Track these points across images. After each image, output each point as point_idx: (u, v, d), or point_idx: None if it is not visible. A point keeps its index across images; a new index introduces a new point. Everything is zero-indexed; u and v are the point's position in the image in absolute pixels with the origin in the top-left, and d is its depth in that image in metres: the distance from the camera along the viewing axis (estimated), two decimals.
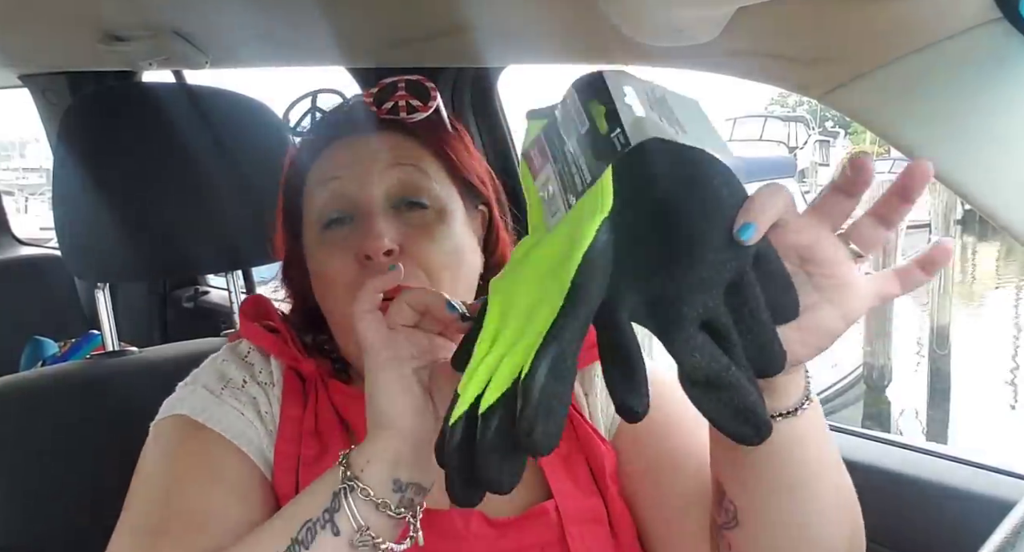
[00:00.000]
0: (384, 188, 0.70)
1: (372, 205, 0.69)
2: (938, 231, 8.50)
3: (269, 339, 0.75)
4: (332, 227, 0.71)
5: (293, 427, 0.70)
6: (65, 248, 0.99)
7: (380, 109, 0.73)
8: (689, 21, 0.61)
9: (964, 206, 9.19)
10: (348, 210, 0.70)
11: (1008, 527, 0.49)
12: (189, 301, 1.83)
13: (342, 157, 0.72)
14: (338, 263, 0.69)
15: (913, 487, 0.90)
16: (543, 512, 0.70)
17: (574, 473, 0.72)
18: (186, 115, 1.01)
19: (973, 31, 0.59)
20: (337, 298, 0.70)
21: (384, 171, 0.70)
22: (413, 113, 0.73)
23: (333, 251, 0.70)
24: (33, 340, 1.44)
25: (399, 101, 0.73)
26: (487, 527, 0.68)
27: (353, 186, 0.70)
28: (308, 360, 0.74)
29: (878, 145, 25.20)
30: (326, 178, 0.72)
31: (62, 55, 1.29)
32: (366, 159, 0.71)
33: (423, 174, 0.72)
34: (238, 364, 0.74)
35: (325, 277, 0.71)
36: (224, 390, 0.71)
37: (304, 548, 0.51)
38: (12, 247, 2.16)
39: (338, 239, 0.70)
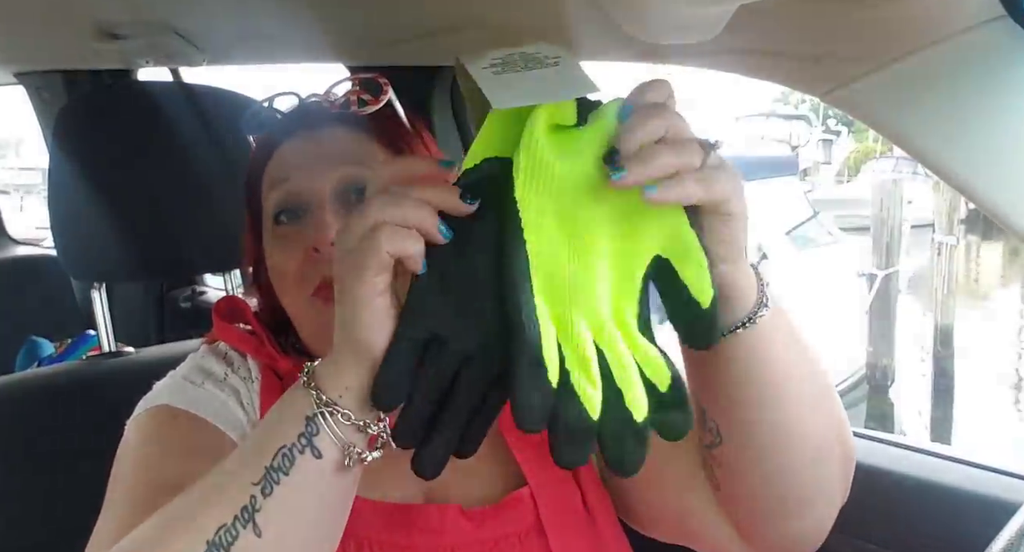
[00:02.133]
0: (332, 183, 0.70)
1: (320, 199, 0.70)
2: (942, 230, 8.49)
3: (244, 339, 0.76)
4: (282, 223, 0.72)
5: None
6: (61, 248, 0.99)
7: (332, 104, 0.73)
8: (691, 19, 0.61)
9: (968, 205, 9.17)
10: (297, 206, 0.71)
11: (1012, 530, 0.49)
12: (186, 301, 1.83)
13: (293, 157, 0.73)
14: (287, 255, 0.71)
15: (916, 488, 0.89)
16: (518, 500, 0.70)
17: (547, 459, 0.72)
18: (182, 113, 1.01)
19: (977, 29, 0.58)
20: (287, 289, 0.72)
21: (333, 167, 0.71)
22: (364, 107, 0.73)
23: (284, 244, 0.71)
24: (29, 340, 1.43)
25: (350, 96, 0.73)
26: (463, 519, 0.68)
27: (302, 183, 0.71)
28: (284, 358, 0.74)
29: (881, 144, 25.19)
30: (278, 179, 0.72)
31: (58, 53, 1.29)
32: (316, 156, 0.72)
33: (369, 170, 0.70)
34: (218, 360, 0.75)
35: (276, 270, 0.72)
36: (206, 382, 0.72)
37: (283, 474, 0.50)
38: (7, 246, 2.15)
39: (289, 233, 0.71)
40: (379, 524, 0.67)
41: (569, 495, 0.71)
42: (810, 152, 19.52)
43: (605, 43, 0.87)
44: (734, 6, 0.56)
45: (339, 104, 0.73)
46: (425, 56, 1.10)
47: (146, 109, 1.01)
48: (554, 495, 0.70)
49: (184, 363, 0.77)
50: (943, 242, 8.26)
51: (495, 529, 0.68)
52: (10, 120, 18.47)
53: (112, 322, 1.07)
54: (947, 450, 0.94)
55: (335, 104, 0.73)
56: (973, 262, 14.18)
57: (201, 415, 0.69)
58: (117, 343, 1.07)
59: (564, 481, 0.72)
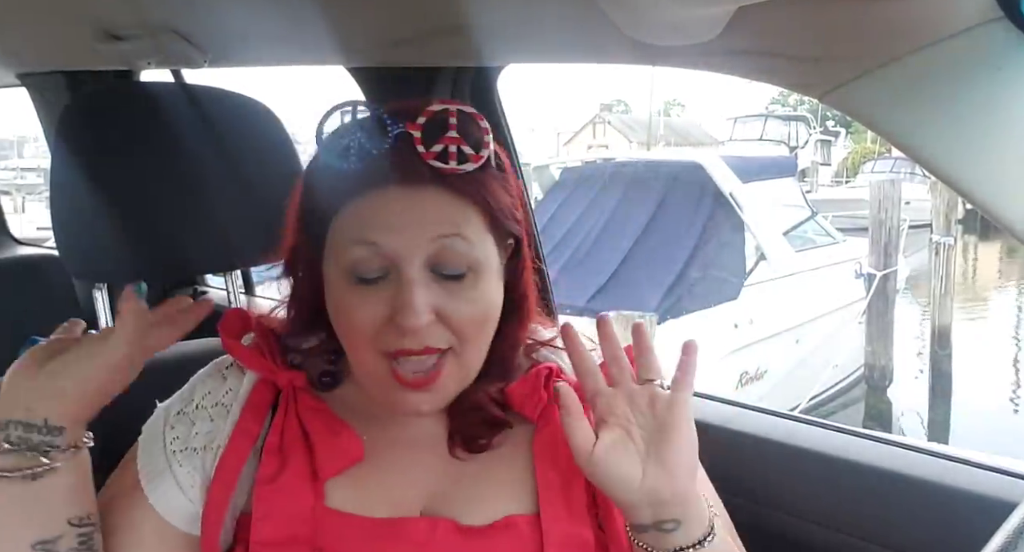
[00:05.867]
0: (424, 258, 0.66)
1: (411, 272, 0.66)
2: (939, 230, 8.50)
3: (245, 352, 0.76)
4: (360, 278, 0.67)
5: (244, 441, 0.71)
6: (63, 248, 0.99)
7: (427, 151, 0.66)
8: (689, 20, 0.61)
9: (965, 205, 9.19)
10: (385, 270, 0.67)
11: (1009, 528, 0.49)
12: None
13: (378, 216, 0.66)
14: (368, 320, 0.67)
15: (913, 487, 0.90)
16: (512, 524, 0.69)
17: (571, 497, 0.72)
18: (184, 114, 1.01)
19: (974, 30, 0.59)
20: (360, 346, 0.69)
21: (428, 236, 0.66)
22: (464, 162, 0.67)
23: (364, 301, 0.67)
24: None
25: (449, 145, 0.66)
26: (455, 534, 0.68)
27: (394, 249, 0.66)
28: (286, 372, 0.74)
29: (879, 145, 25.17)
30: (361, 238, 0.66)
31: (60, 54, 1.29)
32: (410, 221, 0.66)
33: (465, 241, 0.67)
34: (211, 383, 0.77)
35: (350, 325, 0.69)
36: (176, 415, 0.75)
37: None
38: (9, 247, 2.15)
39: (368, 294, 0.67)
40: (360, 537, 0.67)
41: (581, 538, 0.70)
42: (808, 153, 19.54)
43: (604, 45, 0.88)
44: (732, 8, 0.57)
45: (437, 154, 0.66)
46: (425, 57, 1.10)
47: (148, 110, 1.01)
48: (564, 533, 0.70)
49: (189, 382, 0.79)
50: (940, 242, 8.27)
51: (486, 548, 0.68)
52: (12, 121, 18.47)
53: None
54: (944, 449, 0.95)
55: (432, 153, 0.66)
56: (970, 262, 14.19)
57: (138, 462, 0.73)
58: None
59: (581, 519, 0.71)
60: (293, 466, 0.69)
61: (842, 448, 0.98)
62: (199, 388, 0.76)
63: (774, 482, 1.00)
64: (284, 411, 0.73)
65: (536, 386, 0.75)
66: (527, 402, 0.75)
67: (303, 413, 0.72)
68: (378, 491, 0.71)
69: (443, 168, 0.66)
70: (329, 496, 0.69)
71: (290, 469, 0.69)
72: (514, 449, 0.75)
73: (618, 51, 0.89)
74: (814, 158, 20.81)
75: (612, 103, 40.68)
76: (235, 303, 1.21)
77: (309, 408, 0.73)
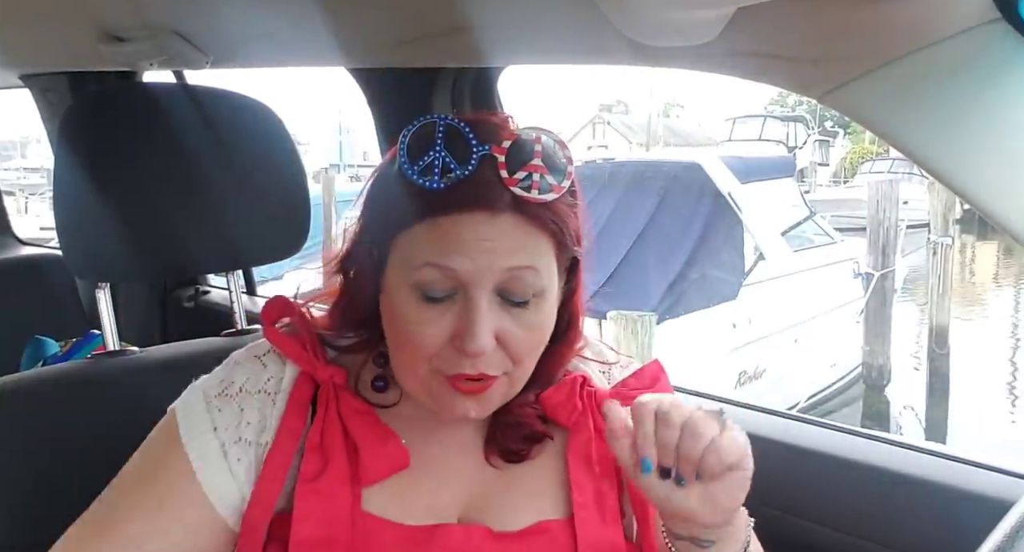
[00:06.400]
0: (494, 285, 0.66)
1: (480, 298, 0.66)
2: (937, 230, 8.50)
3: (288, 343, 0.74)
4: (427, 295, 0.67)
5: (291, 439, 0.70)
6: (66, 248, 0.99)
7: (511, 177, 0.65)
8: (689, 21, 0.62)
9: (963, 206, 9.19)
10: (452, 290, 0.67)
11: (1007, 526, 0.50)
12: (189, 301, 1.83)
13: (457, 242, 0.65)
14: (429, 337, 0.67)
15: (911, 486, 0.90)
16: (545, 529, 0.70)
17: (603, 502, 0.73)
18: (187, 115, 1.01)
19: (972, 31, 0.59)
20: (414, 362, 0.68)
21: (499, 272, 0.65)
22: (546, 192, 0.66)
23: (426, 321, 0.67)
24: (34, 340, 1.44)
25: (533, 174, 0.65)
26: (490, 541, 0.69)
27: (466, 273, 0.65)
28: (326, 367, 0.73)
29: (877, 145, 25.12)
30: (437, 262, 0.65)
31: (63, 55, 1.30)
32: (484, 253, 0.65)
33: (536, 273, 0.67)
34: (249, 367, 0.74)
35: (411, 341, 0.68)
36: (218, 397, 0.72)
37: None
38: (13, 247, 2.16)
39: (433, 311, 0.67)
40: (397, 544, 0.67)
41: (612, 542, 0.71)
42: (807, 153, 19.53)
43: (603, 46, 0.88)
44: (731, 9, 0.57)
45: (520, 181, 0.65)
46: (426, 58, 1.10)
47: (150, 110, 1.01)
48: (596, 537, 0.70)
49: (224, 365, 0.76)
50: (938, 242, 8.27)
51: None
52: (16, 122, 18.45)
53: (116, 321, 1.07)
54: (942, 448, 0.95)
55: (515, 180, 0.65)
56: (968, 262, 14.19)
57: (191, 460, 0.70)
58: (121, 342, 1.08)
59: (613, 524, 0.72)
60: (334, 467, 0.69)
61: (840, 447, 0.98)
62: (238, 371, 0.74)
63: (772, 481, 1.00)
64: (324, 409, 0.72)
65: (571, 394, 0.76)
66: (560, 409, 0.75)
67: (345, 414, 0.72)
68: (414, 497, 0.71)
69: (525, 197, 0.65)
70: (365, 500, 0.69)
71: (331, 470, 0.69)
72: (547, 456, 0.75)
73: (617, 52, 0.90)
74: (812, 158, 20.80)
75: (611, 104, 40.60)
76: (236, 303, 1.21)
77: (354, 410, 0.72)
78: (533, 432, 0.74)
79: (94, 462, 0.91)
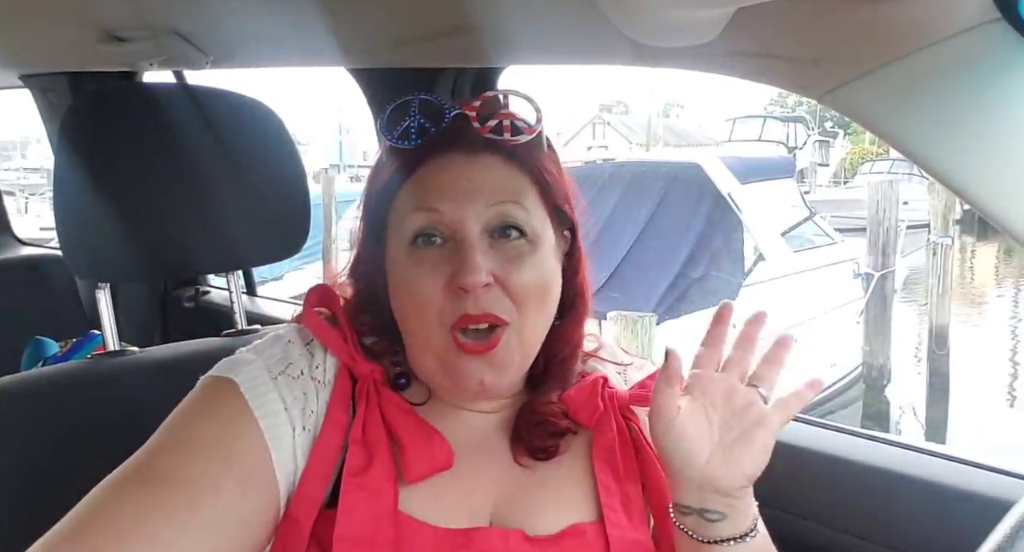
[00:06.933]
0: (484, 219, 0.69)
1: (470, 236, 0.68)
2: (937, 231, 8.51)
3: (330, 334, 0.74)
4: (421, 244, 0.69)
5: (335, 433, 0.69)
6: (66, 248, 0.99)
7: (483, 126, 0.70)
8: (689, 21, 0.62)
9: (963, 206, 9.20)
10: (443, 233, 0.69)
11: (1006, 527, 0.50)
12: (190, 301, 1.83)
13: (440, 183, 0.70)
14: (428, 287, 0.68)
15: (911, 486, 0.90)
16: (579, 533, 0.70)
17: (629, 504, 0.74)
18: (187, 115, 1.01)
19: (972, 31, 0.59)
20: (424, 321, 0.69)
21: (487, 202, 0.69)
22: (517, 134, 0.71)
23: (423, 272, 0.69)
24: (34, 340, 1.44)
25: (503, 120, 0.70)
26: (526, 544, 0.68)
27: (454, 215, 0.69)
28: (366, 363, 0.73)
29: (877, 145, 25.11)
30: (423, 205, 0.69)
31: (63, 55, 1.30)
32: (469, 188, 0.69)
33: (521, 208, 0.70)
34: (301, 351, 0.73)
35: (414, 295, 0.69)
36: (281, 375, 0.70)
37: None
38: (13, 247, 2.16)
39: (428, 260, 0.69)
40: (435, 546, 0.67)
41: (641, 544, 0.72)
42: (807, 154, 19.53)
43: (603, 46, 0.88)
44: (731, 9, 0.57)
45: (492, 128, 0.70)
46: (427, 58, 1.10)
47: (151, 110, 1.01)
48: (625, 540, 0.71)
49: (269, 340, 0.74)
50: (938, 243, 8.28)
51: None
52: (16, 122, 18.47)
53: (116, 322, 1.08)
54: (942, 449, 0.95)
55: (487, 127, 0.70)
56: (968, 263, 14.19)
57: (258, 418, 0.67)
58: (121, 342, 1.08)
59: (641, 525, 0.73)
60: (379, 464, 0.68)
61: (840, 447, 0.98)
62: (294, 353, 0.73)
63: (772, 480, 1.00)
64: (365, 403, 0.71)
65: (592, 395, 0.76)
66: (582, 410, 0.76)
67: (387, 410, 0.71)
68: (449, 499, 0.70)
69: (498, 138, 0.70)
70: (401, 500, 0.68)
71: (376, 466, 0.68)
72: (573, 457, 0.76)
73: (618, 52, 0.90)
74: (812, 159, 20.80)
75: (611, 104, 40.66)
76: (236, 303, 1.21)
77: (396, 407, 0.72)
78: (558, 428, 0.75)
79: (94, 461, 0.91)
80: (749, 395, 0.69)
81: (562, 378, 0.78)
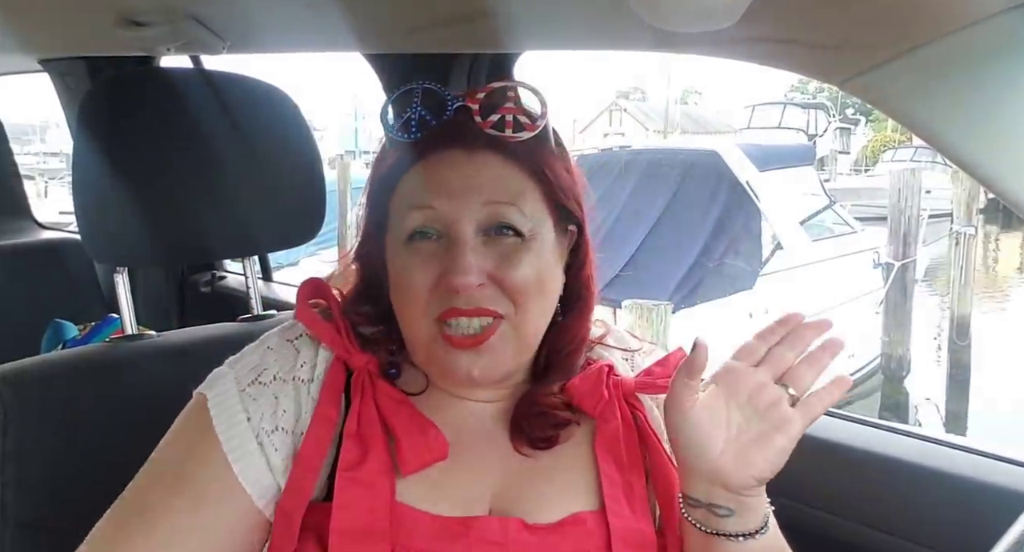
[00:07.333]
0: (478, 218, 0.69)
1: (463, 235, 0.69)
2: (960, 220, 8.40)
3: (323, 327, 0.74)
4: (417, 239, 0.70)
5: (326, 428, 0.70)
6: (84, 232, 1.00)
7: (485, 121, 0.69)
8: (709, 7, 0.61)
9: (987, 195, 9.07)
10: (438, 230, 0.70)
11: None
12: (206, 286, 1.85)
13: (438, 180, 0.70)
14: (420, 279, 0.69)
15: (931, 478, 0.90)
16: (580, 521, 0.70)
17: (632, 494, 0.73)
18: (204, 100, 1.02)
19: (996, 18, 0.58)
20: (413, 311, 0.70)
21: (482, 201, 0.69)
22: (520, 130, 0.70)
23: (416, 263, 0.70)
24: (54, 323, 1.46)
25: (506, 115, 0.69)
26: (525, 533, 0.68)
27: (449, 213, 0.69)
28: (360, 354, 0.73)
29: (899, 133, 24.80)
30: (420, 203, 0.70)
31: (81, 40, 1.30)
32: (466, 186, 0.69)
33: (517, 210, 0.70)
34: (282, 352, 0.74)
35: (406, 287, 0.71)
36: (251, 385, 0.71)
37: None
38: (33, 231, 2.18)
39: (423, 253, 0.70)
40: (435, 535, 0.67)
41: (642, 534, 0.71)
42: (827, 141, 19.32)
43: (623, 32, 0.87)
44: None
45: (494, 123, 0.69)
46: (442, 44, 1.10)
47: (168, 95, 1.02)
48: (626, 529, 0.70)
49: (254, 345, 0.75)
50: (961, 232, 8.17)
51: (556, 545, 0.68)
52: (36, 107, 18.65)
53: (134, 306, 1.09)
54: (963, 441, 0.94)
55: (489, 122, 0.69)
56: (991, 252, 14.01)
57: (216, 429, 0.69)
58: (139, 326, 1.09)
59: (643, 515, 0.73)
60: (374, 456, 0.69)
61: (858, 439, 0.98)
62: (271, 357, 0.74)
63: (790, 472, 1.00)
64: (360, 396, 0.72)
65: (597, 383, 0.76)
66: (587, 398, 0.75)
67: (382, 402, 0.72)
68: (447, 488, 0.71)
69: (499, 135, 0.69)
70: (399, 491, 0.69)
71: (371, 459, 0.68)
72: (575, 446, 0.75)
73: (636, 38, 0.89)
74: (833, 146, 20.57)
75: (629, 91, 40.38)
76: (252, 288, 1.22)
77: (391, 399, 0.72)
78: (558, 420, 0.75)
79: (112, 444, 0.92)
80: (776, 395, 0.67)
81: (566, 370, 0.77)
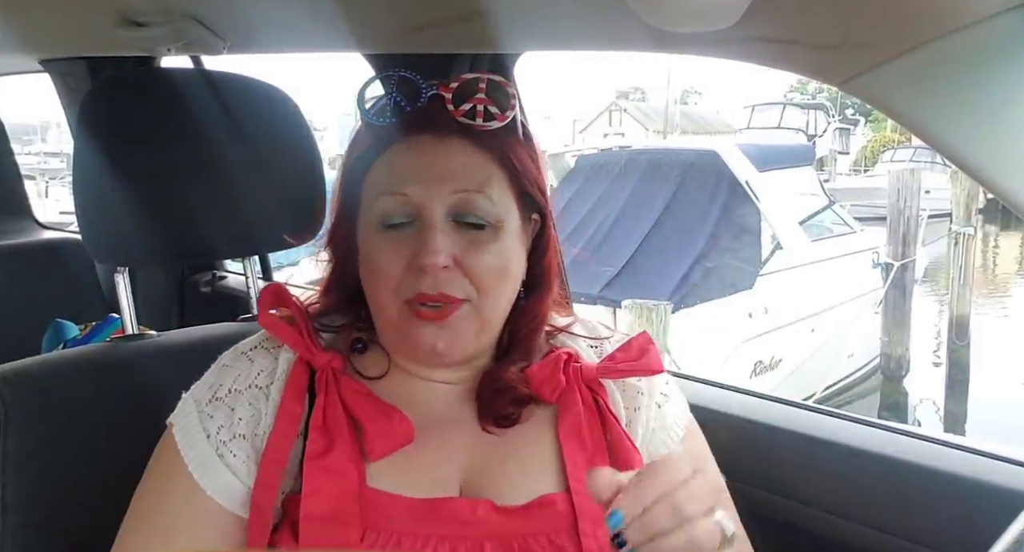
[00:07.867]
0: (448, 204, 0.72)
1: (434, 219, 0.71)
2: (959, 220, 8.40)
3: (284, 330, 0.77)
4: (389, 228, 0.73)
5: (291, 423, 0.72)
6: (85, 232, 1.00)
7: (456, 110, 0.72)
8: (708, 7, 0.61)
9: (986, 195, 9.07)
10: (408, 216, 0.72)
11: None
12: (207, 286, 1.85)
13: (414, 166, 0.72)
14: (390, 262, 0.72)
15: (929, 478, 0.90)
16: (549, 502, 0.71)
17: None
18: (204, 100, 1.02)
19: (996, 18, 0.58)
20: (381, 294, 0.73)
21: (452, 188, 0.71)
22: (490, 120, 0.73)
23: (386, 247, 0.72)
24: (55, 323, 1.46)
25: (477, 105, 0.72)
26: (495, 514, 0.70)
27: (419, 199, 0.71)
28: (323, 353, 0.76)
29: (899, 133, 24.81)
30: (392, 189, 0.72)
31: (81, 41, 1.30)
32: (436, 172, 0.72)
33: (485, 197, 0.72)
34: (237, 366, 0.77)
35: (376, 271, 0.73)
36: (208, 403, 0.74)
37: None
38: (34, 231, 2.18)
39: (394, 239, 0.72)
40: (405, 517, 0.69)
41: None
42: (826, 142, 19.31)
43: (620, 32, 0.87)
44: None
45: (465, 112, 0.72)
46: (442, 44, 1.10)
47: (169, 95, 1.02)
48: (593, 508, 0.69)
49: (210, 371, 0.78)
50: (960, 232, 8.17)
51: (526, 526, 0.70)
52: (36, 107, 18.64)
53: (135, 305, 1.09)
54: (961, 440, 0.94)
55: (460, 111, 0.72)
56: (990, 252, 14.02)
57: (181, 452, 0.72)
58: (140, 326, 1.09)
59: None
60: (340, 445, 0.71)
61: (857, 438, 0.98)
62: (226, 373, 0.76)
63: (788, 471, 1.00)
64: (324, 392, 0.74)
65: (555, 370, 0.77)
66: (545, 385, 0.77)
67: (346, 396, 0.74)
68: (417, 471, 0.72)
69: (470, 123, 0.72)
70: (370, 476, 0.71)
71: (338, 448, 0.70)
72: (539, 430, 0.77)
73: (636, 39, 0.89)
74: (832, 146, 20.55)
75: (628, 91, 40.42)
76: (252, 288, 1.22)
77: (354, 392, 0.74)
78: (519, 394, 0.76)
79: (112, 444, 0.92)
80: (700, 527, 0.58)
81: (526, 350, 0.80)
